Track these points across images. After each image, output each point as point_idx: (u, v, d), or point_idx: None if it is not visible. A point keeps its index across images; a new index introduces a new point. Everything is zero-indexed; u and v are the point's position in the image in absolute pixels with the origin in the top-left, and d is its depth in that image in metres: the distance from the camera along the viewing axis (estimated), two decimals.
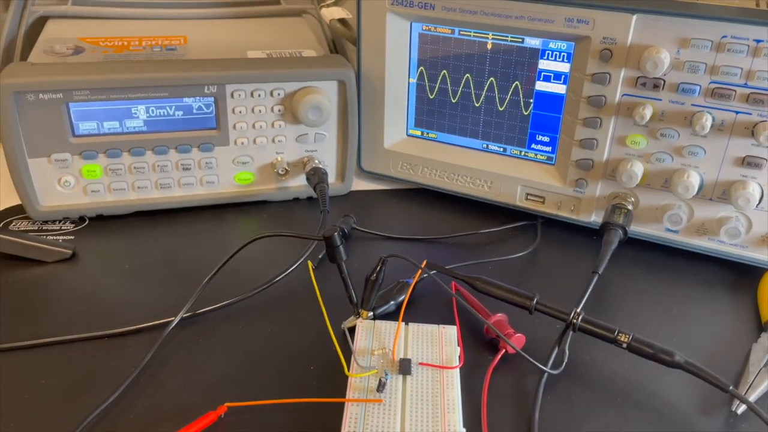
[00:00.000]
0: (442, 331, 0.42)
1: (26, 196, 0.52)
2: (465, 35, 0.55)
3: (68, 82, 0.49)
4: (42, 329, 0.43)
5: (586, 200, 0.54)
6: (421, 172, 0.61)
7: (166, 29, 0.62)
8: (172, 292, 0.47)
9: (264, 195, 0.59)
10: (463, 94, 0.57)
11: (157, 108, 0.52)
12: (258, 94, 0.54)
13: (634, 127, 0.50)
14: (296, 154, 0.58)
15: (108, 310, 0.46)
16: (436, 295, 0.48)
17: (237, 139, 0.55)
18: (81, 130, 0.52)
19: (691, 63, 0.46)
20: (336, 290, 0.46)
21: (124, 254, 0.52)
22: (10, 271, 0.49)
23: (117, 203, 0.55)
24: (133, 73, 0.50)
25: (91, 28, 0.61)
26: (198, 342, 0.43)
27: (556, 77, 0.53)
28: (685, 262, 0.53)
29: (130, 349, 0.42)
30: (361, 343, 0.41)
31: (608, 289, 0.50)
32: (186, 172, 0.55)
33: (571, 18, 0.49)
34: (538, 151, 0.56)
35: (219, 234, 0.55)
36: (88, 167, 0.53)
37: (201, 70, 0.52)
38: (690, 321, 0.47)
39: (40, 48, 0.56)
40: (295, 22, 0.68)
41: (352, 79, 0.56)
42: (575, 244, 0.55)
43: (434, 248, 0.55)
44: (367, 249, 0.54)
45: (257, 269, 0.49)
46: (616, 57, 0.48)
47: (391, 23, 0.56)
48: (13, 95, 0.48)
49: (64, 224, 0.55)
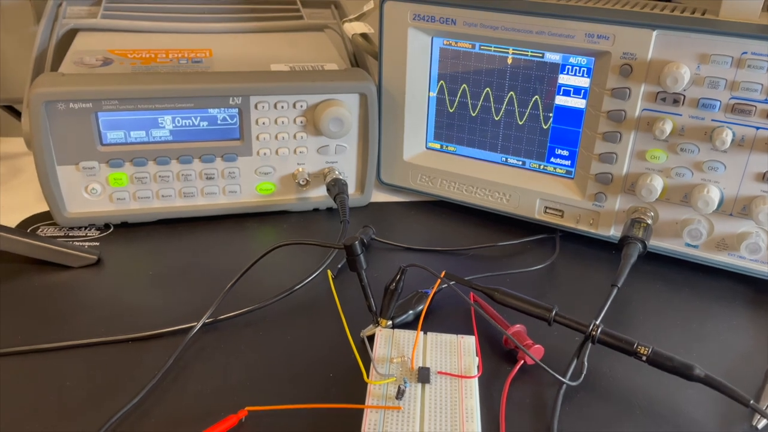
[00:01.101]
0: (461, 341, 0.42)
1: (54, 203, 0.53)
2: (485, 50, 0.55)
3: (98, 92, 0.51)
4: (67, 332, 0.44)
5: (605, 214, 0.54)
6: (440, 184, 0.61)
7: (192, 42, 0.64)
8: (194, 298, 0.48)
9: (285, 205, 0.60)
10: (482, 108, 0.58)
11: (182, 118, 0.54)
12: (281, 106, 0.55)
13: (654, 141, 0.50)
14: (317, 165, 0.59)
15: (131, 315, 0.46)
16: (454, 305, 0.49)
17: (260, 150, 0.56)
18: (109, 139, 0.53)
19: (711, 79, 0.47)
20: (355, 299, 0.46)
21: (148, 261, 0.53)
22: (37, 275, 0.50)
23: (141, 211, 0.56)
24: (160, 84, 0.52)
25: (119, 40, 0.63)
26: (219, 347, 0.44)
27: (576, 92, 0.53)
28: (704, 277, 0.53)
29: (152, 353, 0.43)
30: (380, 351, 0.41)
31: (627, 303, 0.50)
32: (209, 182, 0.56)
33: (591, 33, 0.49)
34: (557, 164, 0.57)
35: (240, 242, 0.56)
36: (115, 175, 0.54)
37: (226, 82, 0.53)
38: (710, 336, 0.47)
39: (71, 59, 0.58)
40: (317, 37, 0.69)
41: (373, 92, 0.57)
42: (594, 258, 0.55)
43: (453, 260, 0.55)
44: (386, 259, 0.54)
45: (278, 277, 0.50)
46: (636, 72, 0.49)
47: (413, 38, 0.57)
48: (45, 104, 0.50)
49: (90, 231, 0.56)
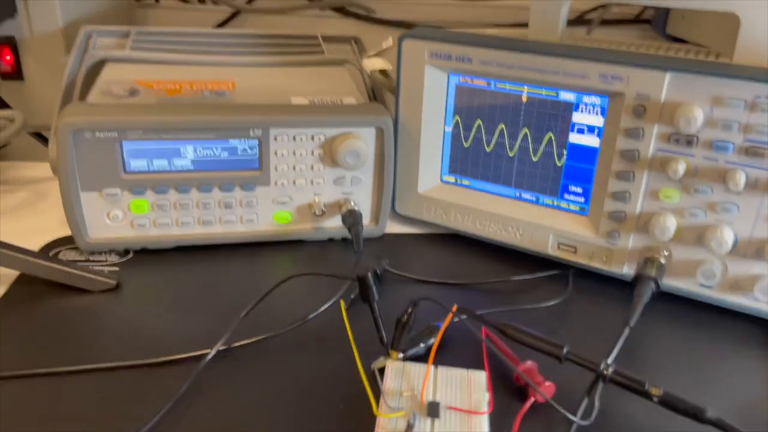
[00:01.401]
0: (471, 376, 0.42)
1: (76, 228, 0.55)
2: (501, 87, 0.57)
3: (124, 122, 0.52)
4: (84, 355, 0.45)
5: (619, 252, 0.55)
6: (454, 217, 0.62)
7: (216, 75, 0.66)
8: (209, 324, 0.49)
9: (300, 234, 0.61)
10: (497, 144, 0.59)
11: (204, 148, 0.55)
12: (300, 138, 0.56)
13: (668, 181, 0.51)
14: (333, 196, 0.60)
15: (148, 340, 0.47)
16: (465, 339, 0.49)
17: (278, 180, 0.58)
18: (132, 167, 0.54)
19: (724, 121, 0.47)
20: (366, 330, 0.47)
21: (166, 287, 0.54)
22: (58, 298, 0.51)
23: (161, 237, 0.57)
24: (184, 116, 0.53)
25: (146, 71, 0.65)
26: (233, 375, 0.44)
27: (590, 130, 0.54)
28: (718, 318, 0.53)
29: (167, 378, 0.44)
30: (391, 384, 0.41)
31: (639, 342, 0.50)
32: (227, 210, 0.58)
33: (605, 74, 0.50)
34: (571, 201, 0.57)
35: (256, 270, 0.57)
36: (137, 202, 0.55)
37: (247, 115, 0.55)
38: (722, 378, 0.47)
39: (99, 89, 0.60)
40: (337, 71, 0.71)
41: (389, 126, 0.58)
42: (607, 296, 0.55)
43: (465, 293, 0.56)
44: (398, 291, 0.55)
45: (291, 306, 0.51)
46: (649, 113, 0.49)
47: (430, 75, 0.58)
48: (72, 133, 0.52)
49: (110, 256, 0.57)
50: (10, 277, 0.53)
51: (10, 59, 0.68)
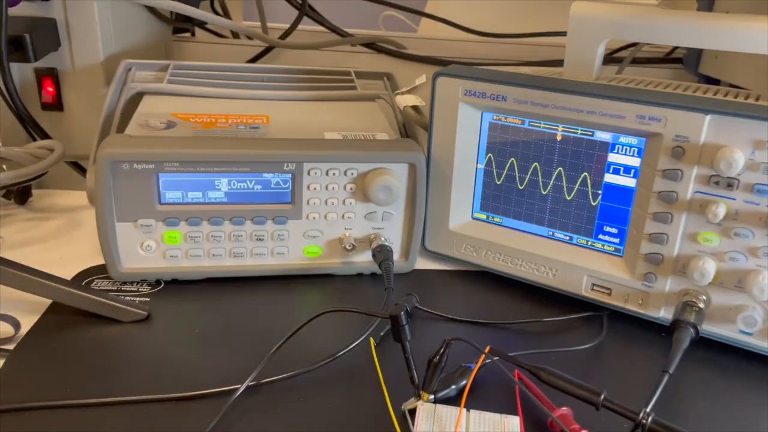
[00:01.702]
0: (505, 421, 0.41)
1: (110, 258, 0.55)
2: (535, 126, 0.56)
3: (161, 154, 0.53)
4: (114, 387, 0.45)
5: (655, 295, 0.53)
6: (485, 255, 0.61)
7: (250, 108, 0.67)
8: (238, 358, 0.49)
9: (330, 269, 0.60)
10: (530, 182, 0.58)
11: (238, 181, 0.56)
12: (333, 173, 0.57)
13: (707, 224, 0.50)
14: (364, 231, 0.60)
15: (177, 373, 0.47)
16: (497, 382, 0.48)
17: (309, 214, 0.58)
18: (167, 198, 0.55)
19: (766, 165, 0.46)
20: (396, 369, 0.46)
21: (196, 318, 0.54)
22: (89, 328, 0.52)
23: (192, 269, 0.57)
24: (219, 149, 0.54)
25: (182, 104, 0.66)
26: (261, 411, 0.44)
27: (626, 171, 0.53)
28: (759, 366, 0.51)
29: (196, 413, 0.43)
30: (422, 427, 0.40)
31: (677, 390, 0.48)
32: (259, 243, 0.58)
33: (642, 115, 0.50)
34: (606, 242, 0.56)
35: (286, 304, 0.57)
36: (170, 233, 0.56)
37: (281, 149, 0.55)
38: (763, 429, 0.45)
39: (136, 121, 0.61)
40: (369, 106, 0.72)
41: (422, 162, 0.58)
42: (642, 340, 0.54)
43: (496, 333, 0.55)
44: (428, 329, 0.54)
45: (320, 341, 0.50)
46: (688, 154, 0.49)
47: (463, 112, 0.58)
48: (111, 164, 0.53)
49: (141, 286, 0.57)
50: (43, 306, 0.54)
51: (51, 90, 0.70)
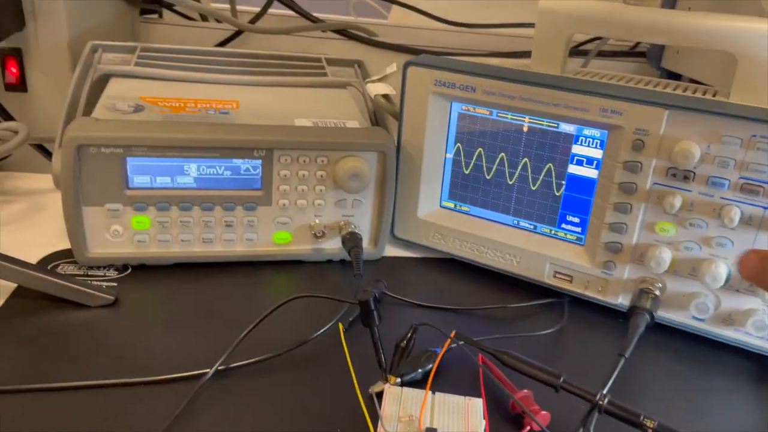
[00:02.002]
0: (468, 403, 0.42)
1: (77, 242, 0.55)
2: (503, 117, 0.58)
3: (130, 138, 0.53)
4: (80, 371, 0.45)
5: (614, 282, 0.55)
6: (452, 242, 0.63)
7: (219, 93, 0.66)
8: (207, 343, 0.49)
9: (299, 255, 0.61)
10: (497, 172, 0.60)
11: (207, 167, 0.55)
12: (303, 160, 0.57)
13: (664, 215, 0.52)
14: (333, 218, 0.60)
15: (145, 358, 0.47)
16: (462, 365, 0.49)
17: (279, 201, 0.58)
18: (135, 183, 0.55)
19: (720, 158, 0.48)
20: (363, 353, 0.47)
21: (164, 304, 0.54)
22: (55, 312, 0.51)
23: (160, 254, 0.57)
24: (190, 134, 0.54)
25: (150, 88, 0.65)
26: (229, 395, 0.44)
27: (589, 162, 0.55)
28: (710, 351, 0.53)
29: (164, 397, 0.43)
30: (388, 409, 0.41)
31: (632, 373, 0.50)
32: (228, 229, 0.58)
33: (605, 108, 0.52)
34: (568, 231, 0.58)
35: (255, 290, 0.57)
36: (138, 218, 0.55)
37: (253, 135, 0.55)
38: (714, 411, 0.47)
39: (103, 104, 0.60)
40: (339, 94, 0.72)
41: (392, 151, 0.59)
42: (601, 325, 0.56)
43: (461, 319, 0.56)
44: (395, 315, 0.55)
45: (289, 327, 0.51)
46: (648, 147, 0.50)
47: (433, 102, 0.59)
48: (77, 147, 0.52)
49: (108, 271, 0.57)
50: (8, 290, 0.53)
51: (15, 71, 0.69)
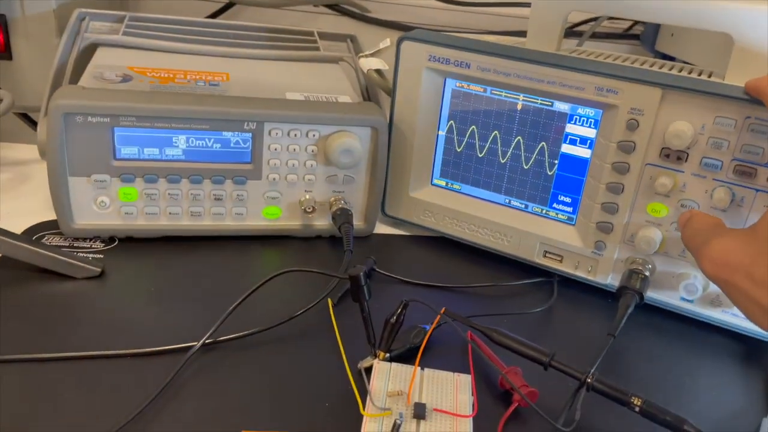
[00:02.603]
0: (457, 379, 0.43)
1: (62, 213, 0.54)
2: (496, 94, 0.57)
3: (118, 108, 0.52)
4: (67, 343, 0.44)
5: (604, 262, 0.55)
6: (443, 221, 0.62)
7: (209, 65, 0.65)
8: (194, 317, 0.48)
9: (289, 230, 0.60)
10: (489, 150, 0.59)
11: (196, 139, 0.55)
12: (294, 134, 0.56)
13: (656, 195, 0.52)
14: (324, 194, 0.60)
15: (131, 330, 0.47)
16: (451, 342, 0.49)
17: (269, 175, 0.57)
18: (122, 154, 0.54)
19: (714, 139, 0.48)
20: (352, 329, 0.47)
21: (150, 277, 0.53)
22: (40, 283, 0.50)
23: (148, 227, 0.56)
24: (180, 105, 0.53)
25: (139, 57, 0.64)
26: (217, 369, 0.44)
27: (582, 141, 0.55)
28: (698, 331, 0.54)
29: (151, 370, 0.43)
30: (377, 384, 0.41)
31: (621, 353, 0.51)
32: (217, 203, 0.57)
33: (601, 87, 0.51)
34: (560, 210, 0.58)
35: (243, 264, 0.56)
36: (125, 190, 0.55)
37: (244, 107, 0.54)
38: (701, 390, 0.48)
39: (90, 73, 0.59)
40: (331, 68, 0.71)
41: (384, 126, 0.58)
42: (590, 305, 0.56)
43: (451, 296, 0.56)
44: (385, 291, 0.55)
45: (278, 302, 0.50)
46: (642, 127, 0.50)
47: (427, 78, 0.58)
48: (64, 116, 0.51)
49: (95, 243, 0.56)
50: None
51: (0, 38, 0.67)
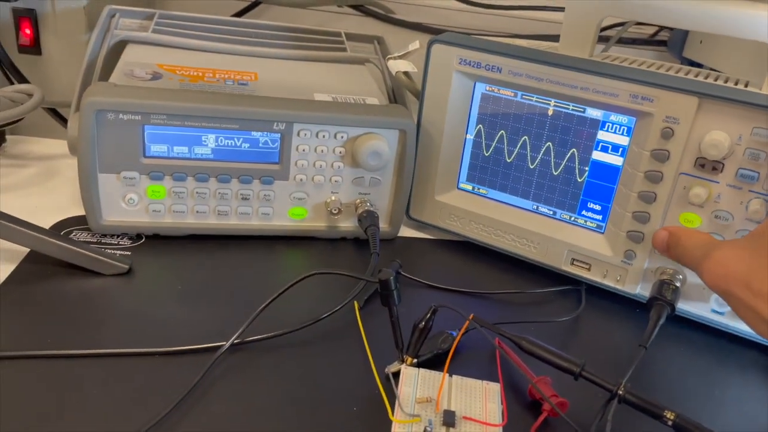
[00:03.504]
0: (486, 387, 0.42)
1: (91, 209, 0.54)
2: (527, 99, 0.56)
3: (149, 105, 0.52)
4: (94, 340, 0.45)
5: (633, 272, 0.55)
6: (468, 225, 0.62)
7: (238, 64, 0.65)
8: (220, 316, 0.48)
9: (314, 232, 0.60)
10: (518, 155, 0.59)
11: (225, 138, 0.55)
12: (323, 135, 0.56)
13: (689, 206, 0.51)
14: (350, 196, 0.60)
15: (159, 328, 0.47)
16: (478, 349, 0.49)
17: (297, 176, 0.57)
18: (152, 151, 0.54)
19: (751, 150, 0.47)
20: (379, 332, 0.47)
21: (178, 274, 0.53)
22: (68, 279, 0.51)
23: (175, 225, 0.57)
24: (211, 104, 0.53)
25: (168, 55, 0.64)
26: (244, 370, 0.44)
27: (614, 149, 0.54)
28: (729, 344, 0.53)
29: (178, 368, 0.43)
30: (405, 390, 0.41)
31: (651, 364, 0.50)
32: (244, 202, 0.57)
33: (636, 94, 0.50)
34: (589, 218, 0.57)
35: (268, 265, 0.56)
36: (154, 187, 0.55)
37: (274, 108, 0.54)
38: (731, 404, 0.47)
39: (121, 70, 0.59)
40: (358, 70, 0.71)
41: (412, 129, 0.58)
42: (618, 314, 0.55)
43: (477, 302, 0.55)
44: (410, 296, 0.55)
45: (304, 303, 0.50)
46: (677, 136, 0.49)
47: (456, 81, 0.58)
48: (96, 113, 0.51)
49: (122, 239, 0.56)
50: (20, 254, 0.52)
51: (29, 33, 0.67)
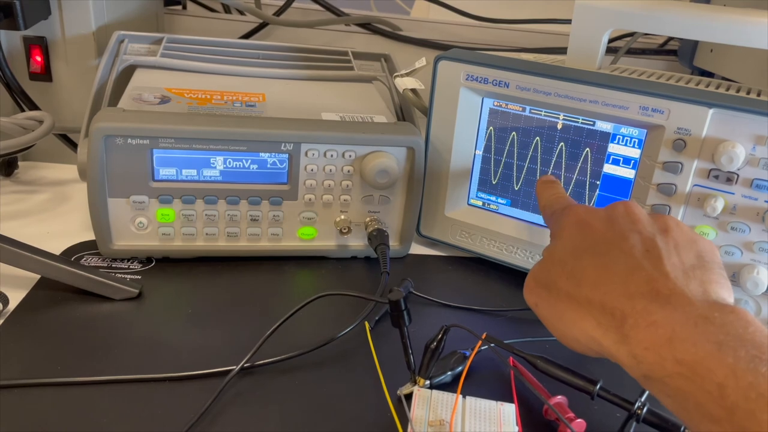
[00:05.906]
0: (500, 408, 0.41)
1: (101, 234, 0.54)
2: (536, 113, 0.56)
3: (157, 130, 0.52)
4: (105, 366, 0.44)
5: None
6: (479, 241, 0.61)
7: (245, 85, 0.65)
8: (231, 339, 0.48)
9: (324, 251, 0.60)
10: (528, 170, 0.58)
11: (234, 160, 0.55)
12: (331, 155, 0.56)
13: (704, 218, 0.50)
14: (360, 215, 0.59)
15: (169, 352, 0.46)
16: (491, 369, 0.48)
17: (305, 195, 0.57)
18: (161, 175, 0.54)
19: (766, 160, 0.46)
20: (390, 353, 0.46)
21: (188, 298, 0.53)
22: (78, 304, 0.51)
23: (185, 248, 0.56)
24: (218, 127, 0.53)
25: (176, 79, 0.65)
26: (255, 393, 0.43)
27: (626, 162, 0.53)
28: None
29: (189, 393, 0.43)
30: (418, 412, 0.40)
31: None
32: (253, 223, 0.57)
33: (646, 107, 0.50)
34: None
35: (279, 286, 0.56)
36: (163, 211, 0.55)
37: (281, 129, 0.54)
38: None
39: (129, 95, 0.59)
40: (366, 88, 0.71)
41: (421, 146, 0.57)
42: None
43: (489, 320, 0.55)
44: (422, 314, 0.54)
45: (314, 324, 0.50)
46: (689, 148, 0.49)
47: (464, 97, 0.58)
48: (104, 138, 0.51)
49: (132, 263, 0.56)
50: (31, 281, 0.53)
51: (40, 60, 0.68)
